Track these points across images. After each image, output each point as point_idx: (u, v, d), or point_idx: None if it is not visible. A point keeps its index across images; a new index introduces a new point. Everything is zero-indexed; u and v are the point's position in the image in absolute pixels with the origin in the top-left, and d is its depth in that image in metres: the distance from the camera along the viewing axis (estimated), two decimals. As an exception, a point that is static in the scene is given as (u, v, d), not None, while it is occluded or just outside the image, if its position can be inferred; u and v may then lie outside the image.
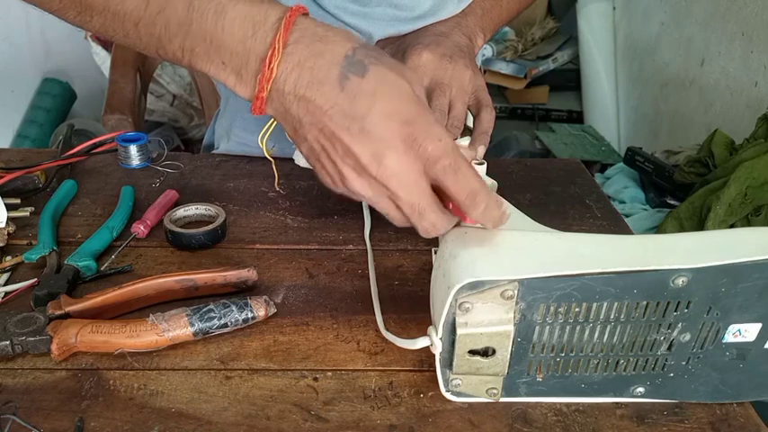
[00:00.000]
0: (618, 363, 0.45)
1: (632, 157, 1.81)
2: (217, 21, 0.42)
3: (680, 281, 0.41)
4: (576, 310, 0.42)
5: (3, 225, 0.63)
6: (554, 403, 0.47)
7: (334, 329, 0.53)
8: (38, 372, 0.48)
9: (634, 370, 0.45)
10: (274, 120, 0.63)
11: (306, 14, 0.44)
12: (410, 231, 0.67)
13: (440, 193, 0.46)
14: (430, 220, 0.45)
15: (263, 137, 0.64)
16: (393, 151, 0.42)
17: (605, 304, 0.42)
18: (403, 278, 0.60)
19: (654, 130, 2.29)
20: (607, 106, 2.57)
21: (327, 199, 0.73)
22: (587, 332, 0.43)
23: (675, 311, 0.42)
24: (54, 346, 0.47)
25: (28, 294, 0.55)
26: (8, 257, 0.60)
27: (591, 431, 0.45)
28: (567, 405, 0.47)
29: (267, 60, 0.42)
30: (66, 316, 0.50)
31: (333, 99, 0.42)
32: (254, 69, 0.43)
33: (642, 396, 0.46)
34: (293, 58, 0.42)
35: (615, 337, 0.44)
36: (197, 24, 0.42)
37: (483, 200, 0.43)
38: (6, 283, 0.57)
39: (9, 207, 0.65)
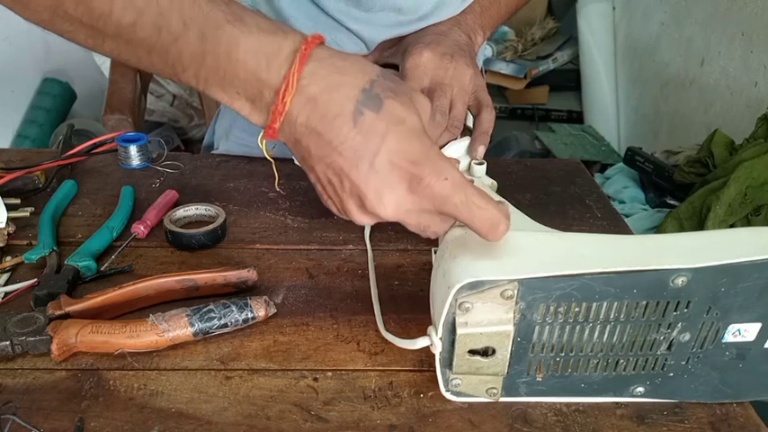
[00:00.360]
0: (618, 362, 0.45)
1: (632, 158, 1.81)
2: (230, 53, 0.41)
3: (679, 281, 0.41)
4: (576, 309, 0.42)
5: (3, 225, 0.63)
6: (554, 403, 0.47)
7: (334, 329, 0.53)
8: (38, 372, 0.48)
9: (634, 370, 0.45)
10: None
11: (322, 43, 0.43)
12: (410, 232, 0.67)
13: None
14: (433, 231, 0.46)
15: (262, 138, 0.64)
16: (395, 192, 0.42)
17: (605, 304, 0.42)
18: (403, 278, 0.60)
19: (654, 131, 2.29)
20: (607, 106, 2.57)
21: (327, 199, 0.73)
22: (587, 332, 0.43)
23: (675, 311, 0.42)
24: (54, 347, 0.47)
25: (28, 294, 0.55)
26: (8, 257, 0.60)
27: (591, 431, 0.45)
28: (567, 405, 0.47)
29: (281, 94, 0.41)
30: (67, 316, 0.50)
31: (344, 135, 0.41)
32: (267, 101, 0.42)
33: (642, 396, 0.46)
34: (308, 90, 0.41)
35: (615, 337, 0.44)
36: (210, 56, 0.41)
37: (503, 227, 0.43)
38: (6, 284, 0.57)
39: (9, 207, 0.65)
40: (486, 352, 0.44)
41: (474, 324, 0.42)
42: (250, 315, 0.51)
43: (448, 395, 0.46)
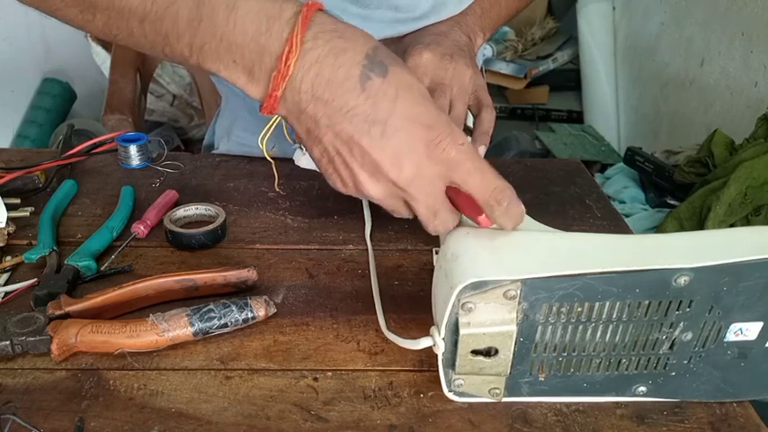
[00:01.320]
0: (620, 362, 0.45)
1: (632, 157, 1.81)
2: (228, 16, 0.40)
3: (682, 280, 0.41)
4: (579, 309, 0.42)
5: (3, 225, 0.63)
6: (554, 403, 0.47)
7: (334, 329, 0.53)
8: (38, 372, 0.48)
9: (636, 369, 0.45)
10: (274, 121, 0.63)
11: (322, 9, 0.42)
12: (410, 231, 0.67)
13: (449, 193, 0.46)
14: (442, 219, 0.45)
15: (262, 138, 0.64)
16: (414, 155, 0.41)
17: (607, 304, 0.42)
18: (403, 278, 0.60)
19: (654, 130, 2.29)
20: (607, 106, 2.57)
21: (327, 199, 0.73)
22: (589, 332, 0.43)
23: (677, 310, 0.42)
24: (54, 346, 0.47)
25: (28, 294, 0.55)
26: (8, 257, 0.60)
27: (591, 431, 0.45)
28: (567, 405, 0.47)
29: (283, 57, 0.39)
30: (67, 316, 0.50)
31: (353, 100, 0.40)
32: (268, 67, 0.41)
33: (644, 395, 0.46)
34: (312, 55, 0.40)
35: (617, 337, 0.44)
36: (207, 21, 0.40)
37: (506, 197, 0.43)
38: (6, 283, 0.57)
39: (9, 207, 0.65)
40: (488, 352, 0.44)
41: (477, 324, 0.42)
42: (250, 315, 0.51)
43: (450, 395, 0.46)
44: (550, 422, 0.45)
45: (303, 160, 0.65)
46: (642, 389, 0.46)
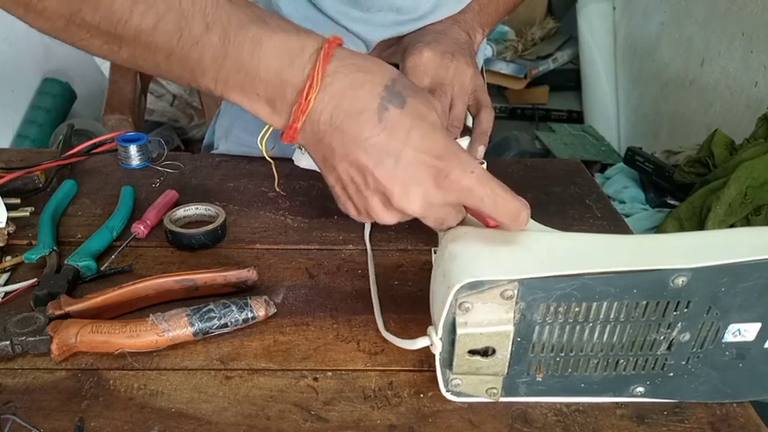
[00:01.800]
0: (618, 362, 0.45)
1: (632, 157, 1.81)
2: (253, 52, 0.41)
3: (679, 280, 0.41)
4: (576, 309, 0.42)
5: (3, 225, 0.63)
6: (554, 403, 0.47)
7: (334, 329, 0.53)
8: (38, 372, 0.48)
9: (634, 369, 0.45)
10: None
11: (341, 44, 0.43)
12: (410, 231, 0.67)
13: None
14: (448, 224, 0.47)
15: (262, 138, 0.64)
16: (420, 187, 0.43)
17: (605, 304, 0.42)
18: (403, 278, 0.60)
19: (654, 130, 2.29)
20: (607, 106, 2.57)
21: (327, 199, 0.73)
22: (587, 332, 0.43)
23: (675, 311, 0.42)
24: (54, 346, 0.47)
25: (28, 294, 0.55)
26: (8, 257, 0.60)
27: (591, 431, 0.45)
28: (567, 405, 0.47)
29: (305, 92, 0.41)
30: (67, 316, 0.50)
31: (369, 131, 0.42)
32: (289, 101, 0.42)
33: (642, 396, 0.46)
34: (332, 89, 0.41)
35: (615, 337, 0.44)
36: (232, 56, 0.41)
37: (525, 215, 0.44)
38: (6, 283, 0.57)
39: (9, 207, 0.65)
40: (486, 352, 0.44)
41: (474, 324, 0.42)
42: (250, 315, 0.51)
43: (448, 395, 0.46)
44: (550, 422, 0.45)
45: (303, 160, 0.65)
46: (640, 389, 0.46)
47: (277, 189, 0.73)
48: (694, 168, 1.55)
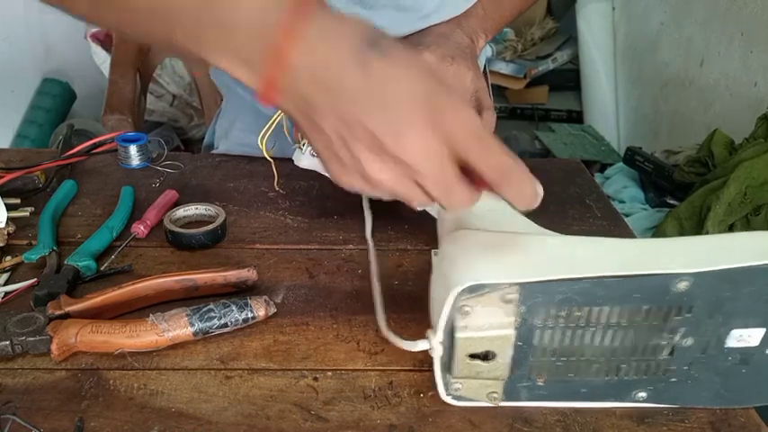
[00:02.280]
0: (620, 367, 0.45)
1: (632, 157, 1.81)
2: (230, 5, 0.40)
3: (682, 285, 0.41)
4: (578, 314, 0.42)
5: (3, 225, 0.63)
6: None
7: (334, 329, 0.53)
8: (38, 372, 0.48)
9: (636, 375, 0.45)
10: (274, 120, 0.63)
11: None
12: (410, 231, 0.67)
13: (465, 172, 0.43)
14: (459, 194, 0.43)
15: (262, 137, 0.64)
16: (413, 128, 0.40)
17: (606, 308, 0.42)
18: (403, 278, 0.60)
19: (653, 130, 2.29)
20: (607, 106, 2.57)
21: (327, 199, 0.73)
22: (588, 336, 0.43)
23: (677, 316, 0.42)
24: (54, 346, 0.47)
25: (28, 294, 0.55)
26: (8, 257, 0.60)
27: (591, 431, 0.45)
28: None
29: (282, 44, 0.40)
30: (66, 316, 0.50)
31: (354, 80, 0.40)
32: (267, 56, 0.41)
33: (644, 401, 0.46)
34: (310, 41, 0.40)
35: (617, 342, 0.43)
36: (208, 11, 0.40)
37: (516, 177, 0.41)
38: (6, 283, 0.57)
39: (9, 207, 0.65)
40: (486, 356, 0.43)
41: (474, 328, 0.42)
42: (250, 315, 0.51)
43: (448, 399, 0.46)
44: (550, 422, 0.45)
45: (303, 160, 0.65)
46: (642, 394, 0.46)
47: (277, 188, 0.73)
48: (694, 168, 1.55)
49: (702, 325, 0.43)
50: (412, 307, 0.56)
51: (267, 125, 0.63)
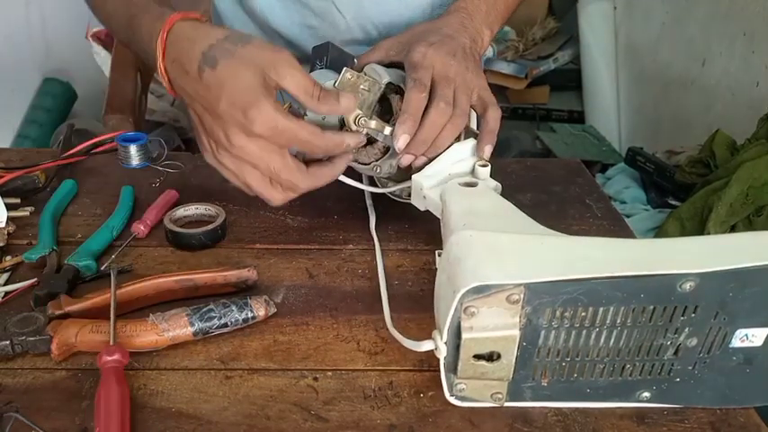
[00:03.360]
0: (624, 367, 0.45)
1: (633, 158, 1.81)
2: (142, 34, 0.58)
3: (687, 285, 0.41)
4: (583, 314, 0.42)
5: (3, 225, 0.63)
6: (554, 403, 0.47)
7: (334, 329, 0.53)
8: (38, 372, 0.48)
9: (640, 375, 0.45)
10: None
11: (191, 19, 0.55)
12: (410, 231, 0.67)
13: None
14: (286, 178, 0.55)
15: None
16: (235, 133, 0.52)
17: (612, 309, 0.42)
18: (403, 278, 0.60)
19: (655, 131, 2.29)
20: (608, 106, 2.57)
21: (327, 199, 0.73)
22: (593, 336, 0.43)
23: (682, 316, 0.42)
24: (54, 346, 0.47)
25: (28, 294, 0.55)
26: (8, 257, 0.60)
27: (591, 431, 0.45)
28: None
29: (159, 60, 0.55)
30: (66, 316, 0.50)
31: (194, 87, 0.53)
32: (156, 53, 0.55)
33: (648, 401, 0.46)
34: (169, 57, 0.54)
35: (621, 342, 0.43)
36: (137, 36, 0.59)
37: (317, 90, 0.53)
38: (6, 283, 0.57)
39: (9, 207, 0.65)
40: (491, 357, 0.43)
41: (479, 329, 0.42)
42: (250, 315, 0.51)
43: (452, 400, 0.46)
44: (551, 422, 0.45)
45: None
46: (646, 395, 0.46)
47: None
48: (695, 169, 1.55)
49: (707, 325, 0.43)
50: (412, 307, 0.56)
51: None
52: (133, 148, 0.78)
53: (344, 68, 0.58)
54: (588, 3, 2.57)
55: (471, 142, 0.62)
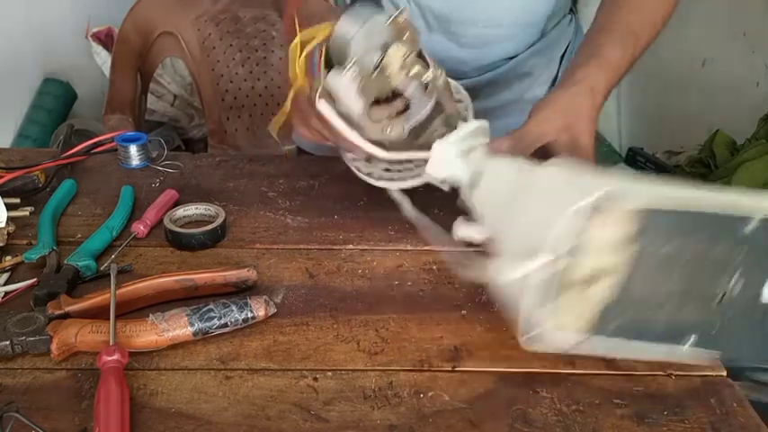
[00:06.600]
0: (682, 309, 0.45)
1: (633, 158, 1.81)
2: None
3: (748, 228, 0.42)
4: (668, 248, 0.42)
5: (3, 225, 0.63)
6: (554, 403, 0.47)
7: (334, 329, 0.53)
8: (38, 372, 0.48)
9: (690, 317, 0.45)
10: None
11: None
12: (410, 231, 0.67)
13: None
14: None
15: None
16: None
17: (690, 244, 0.42)
18: (403, 278, 0.60)
19: (655, 131, 2.29)
20: (608, 106, 2.54)
21: (327, 199, 0.73)
22: (669, 273, 0.43)
23: (739, 256, 0.43)
24: (54, 346, 0.47)
25: (28, 294, 0.55)
26: (8, 257, 0.60)
27: (591, 431, 0.45)
28: (567, 405, 0.47)
29: None
30: (66, 316, 0.50)
31: None
32: None
33: (694, 344, 0.46)
34: None
35: (685, 282, 0.44)
36: None
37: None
38: (6, 283, 0.57)
39: (9, 207, 0.65)
40: (593, 280, 0.43)
41: (587, 250, 0.42)
42: (250, 315, 0.51)
43: (524, 340, 0.45)
44: (550, 422, 0.45)
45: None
46: (693, 337, 0.45)
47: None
48: (696, 169, 1.55)
49: (754, 270, 0.43)
50: (412, 307, 0.56)
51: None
52: (133, 148, 0.78)
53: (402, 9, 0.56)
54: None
55: (477, 124, 0.60)
